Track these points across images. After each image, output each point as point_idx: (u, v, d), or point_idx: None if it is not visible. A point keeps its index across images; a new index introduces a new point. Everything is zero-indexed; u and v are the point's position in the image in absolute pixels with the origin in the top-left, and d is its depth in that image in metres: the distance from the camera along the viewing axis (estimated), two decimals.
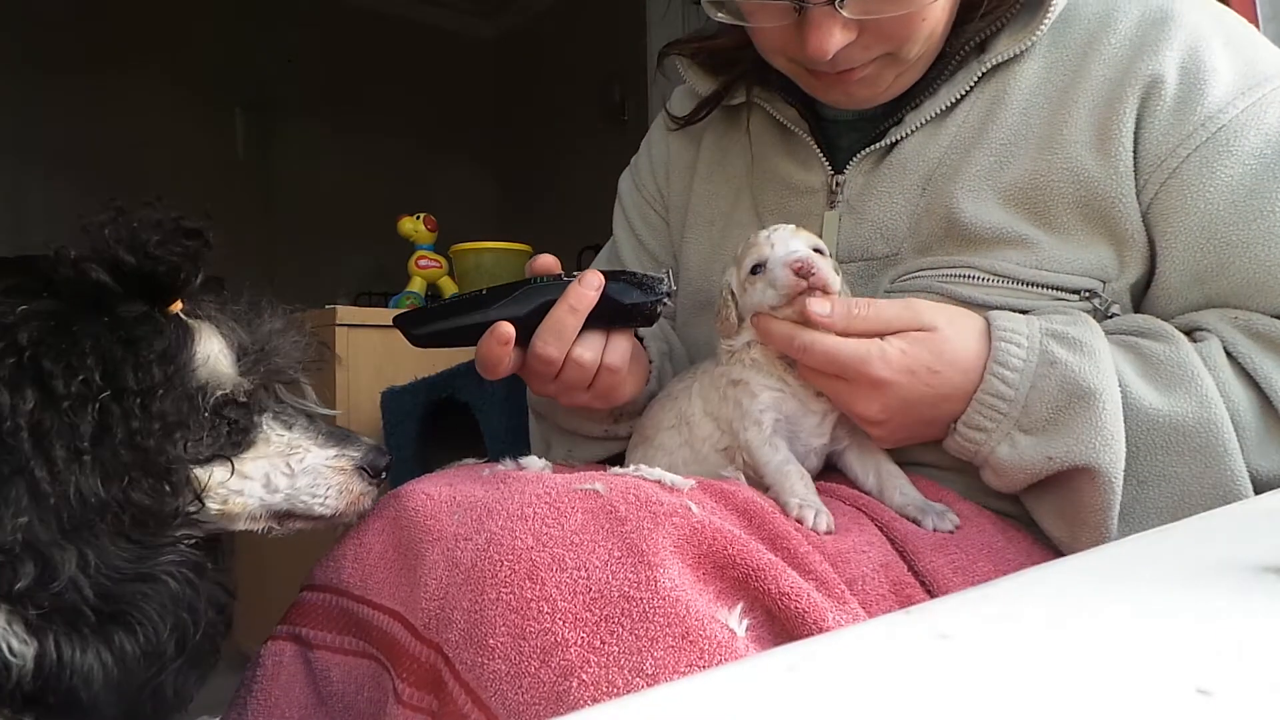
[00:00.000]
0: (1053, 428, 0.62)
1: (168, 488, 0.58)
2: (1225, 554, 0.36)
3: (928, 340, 0.65)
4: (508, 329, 0.69)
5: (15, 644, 0.50)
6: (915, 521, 0.66)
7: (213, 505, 0.62)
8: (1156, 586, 0.32)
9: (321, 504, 0.66)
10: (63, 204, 3.39)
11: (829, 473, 0.76)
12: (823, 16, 0.68)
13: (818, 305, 0.65)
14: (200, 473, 0.61)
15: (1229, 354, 0.65)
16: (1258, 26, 1.35)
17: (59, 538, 0.52)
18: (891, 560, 0.62)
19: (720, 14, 0.76)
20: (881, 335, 0.65)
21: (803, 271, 0.66)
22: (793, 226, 0.71)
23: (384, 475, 0.71)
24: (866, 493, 0.70)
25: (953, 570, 0.62)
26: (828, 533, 0.61)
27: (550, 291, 0.70)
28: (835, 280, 0.67)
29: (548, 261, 0.75)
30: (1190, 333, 0.68)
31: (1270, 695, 0.22)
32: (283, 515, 0.67)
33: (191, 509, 0.59)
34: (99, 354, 0.56)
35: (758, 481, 0.68)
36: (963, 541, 0.65)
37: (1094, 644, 0.26)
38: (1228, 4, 1.34)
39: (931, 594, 0.61)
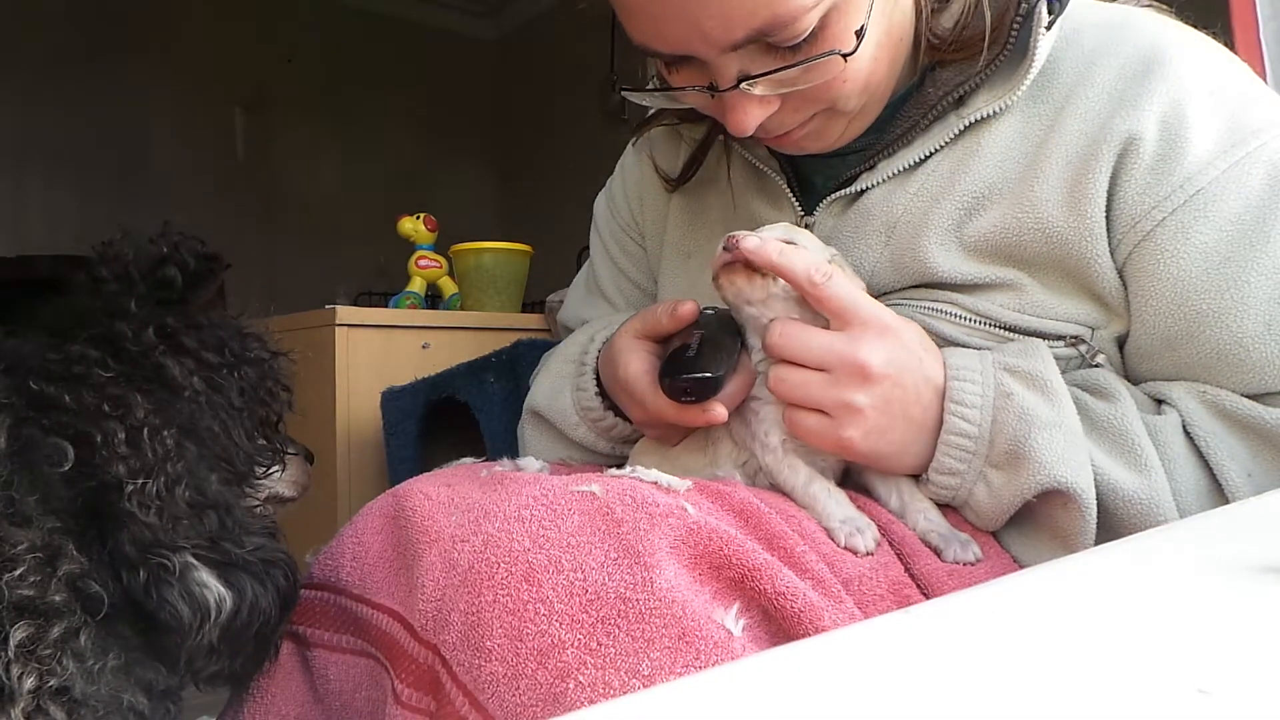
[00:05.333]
0: (1018, 460, 0.61)
1: (276, 442, 0.67)
2: (1225, 554, 0.35)
3: (909, 326, 0.65)
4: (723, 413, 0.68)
5: (220, 589, 0.54)
6: (936, 551, 0.64)
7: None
8: (1156, 586, 0.32)
9: (294, 487, 0.73)
10: (63, 204, 3.40)
11: None
12: (735, 98, 0.67)
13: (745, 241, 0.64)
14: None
15: (1187, 432, 0.64)
16: (1258, 27, 1.35)
17: (227, 491, 0.59)
18: (889, 561, 0.62)
19: (647, 101, 0.75)
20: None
21: (729, 244, 0.65)
22: (786, 225, 0.70)
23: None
24: (890, 512, 0.68)
25: (947, 573, 0.62)
26: (869, 553, 0.60)
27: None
28: (774, 254, 0.64)
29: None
30: (1157, 404, 0.67)
31: (1270, 695, 0.22)
32: (272, 498, 0.72)
33: (277, 469, 0.69)
34: (220, 330, 0.64)
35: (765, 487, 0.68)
36: None
37: (1094, 644, 0.26)
38: (1228, 6, 1.34)
39: (928, 596, 0.61)
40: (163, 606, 0.52)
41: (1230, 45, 0.72)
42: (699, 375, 0.65)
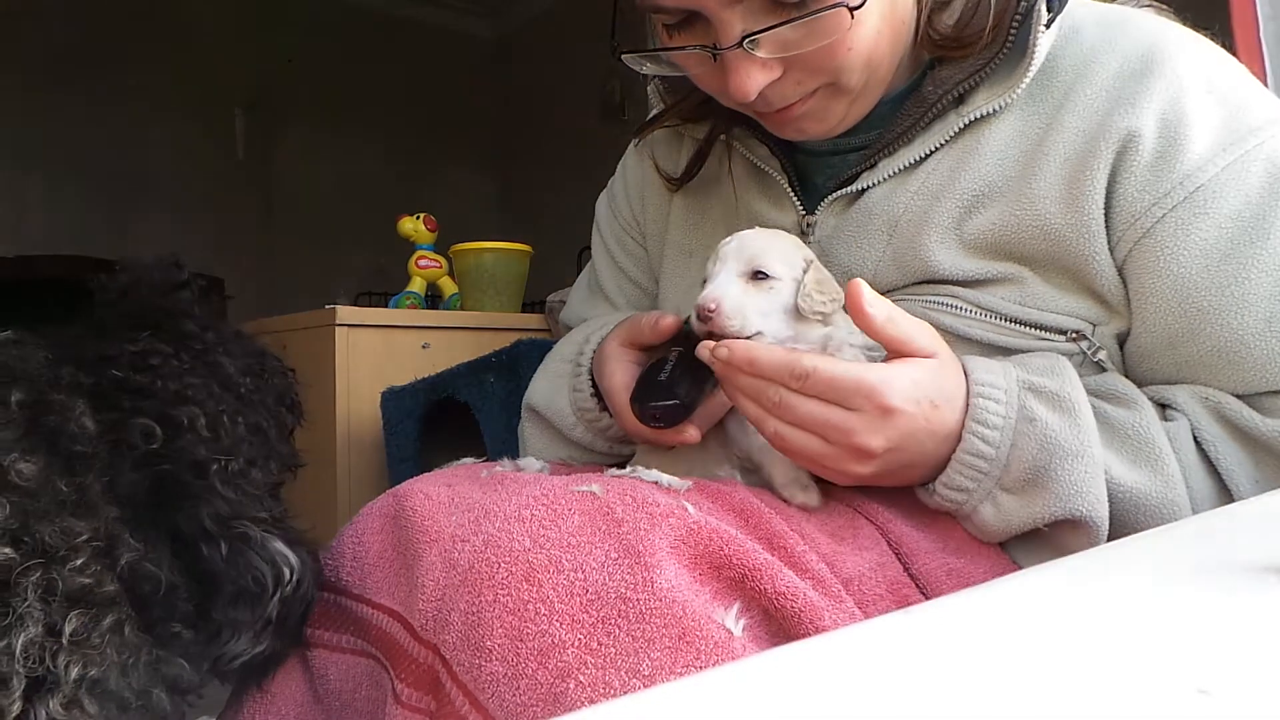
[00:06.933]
0: (1034, 487, 0.60)
1: (294, 453, 0.71)
2: (1225, 554, 0.35)
3: (933, 369, 0.61)
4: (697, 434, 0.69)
5: (293, 559, 0.60)
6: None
7: None
8: (1156, 586, 0.32)
9: None
10: (63, 204, 3.40)
11: None
12: (738, 59, 0.67)
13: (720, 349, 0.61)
14: None
15: (1196, 439, 0.63)
16: (1258, 27, 1.35)
17: (279, 475, 0.66)
18: (888, 560, 0.62)
19: (646, 67, 0.75)
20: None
21: (702, 314, 0.65)
22: (756, 232, 0.69)
23: None
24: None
25: (946, 573, 0.62)
26: (815, 508, 0.62)
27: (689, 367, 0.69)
28: (745, 323, 0.64)
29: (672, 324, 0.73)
30: (1162, 408, 0.66)
31: (1270, 695, 0.22)
32: None
33: (290, 477, 0.71)
34: (250, 343, 0.69)
35: (754, 474, 0.68)
36: (960, 548, 0.65)
37: (1094, 644, 0.26)
38: (1228, 6, 1.34)
39: (927, 596, 0.61)
40: (246, 572, 0.56)
41: (1230, 46, 0.72)
42: (668, 403, 0.65)
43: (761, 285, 0.66)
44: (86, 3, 3.43)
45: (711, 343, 0.63)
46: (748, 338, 0.65)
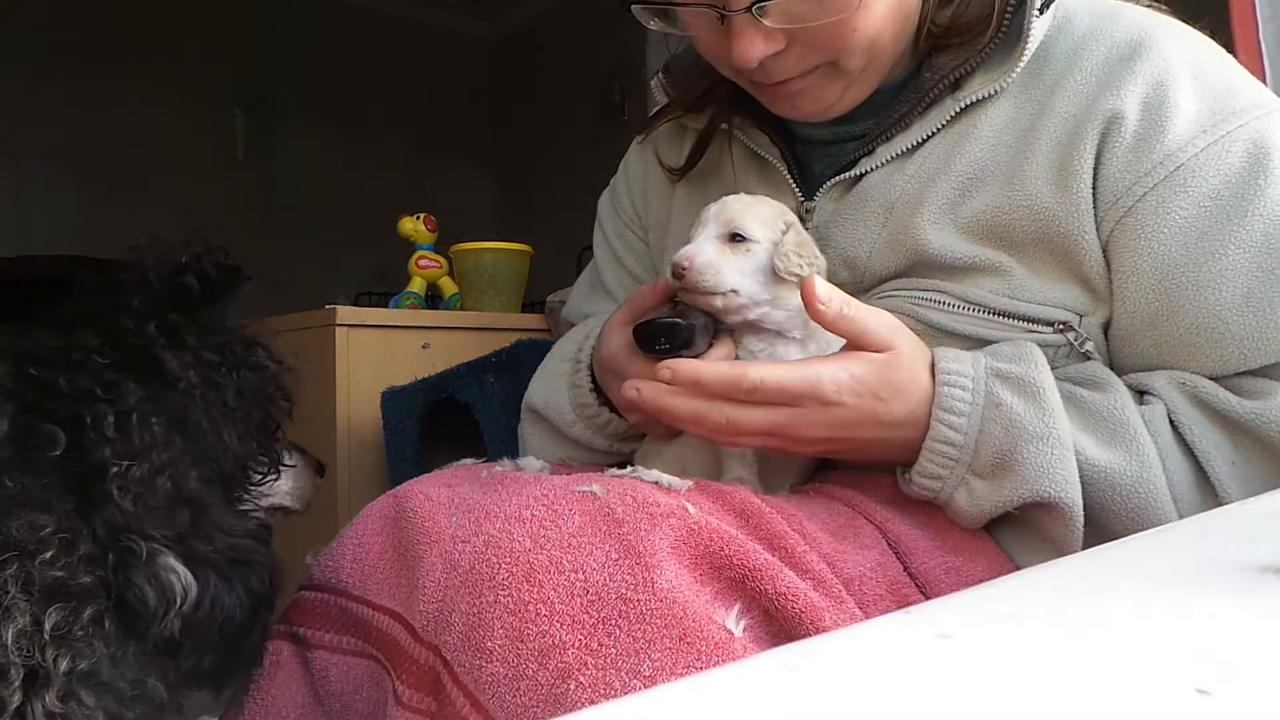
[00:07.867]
0: (1004, 471, 0.61)
1: (273, 450, 0.67)
2: (1225, 554, 0.35)
3: (880, 363, 0.63)
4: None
5: (186, 576, 0.55)
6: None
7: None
8: (1156, 586, 0.32)
9: (297, 500, 0.73)
10: (63, 204, 3.39)
11: (825, 472, 0.76)
12: (744, 24, 0.68)
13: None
14: None
15: (1172, 422, 0.64)
16: (1257, 27, 1.35)
17: (205, 488, 0.59)
18: (888, 560, 0.62)
19: (654, 22, 0.76)
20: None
21: (676, 271, 0.67)
22: (737, 196, 0.70)
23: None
24: None
25: (945, 572, 0.62)
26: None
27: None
28: (719, 280, 0.66)
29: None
30: (1140, 394, 0.67)
31: (1270, 695, 0.22)
32: (274, 508, 0.72)
33: (273, 476, 0.68)
34: (224, 334, 0.65)
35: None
36: (959, 546, 0.65)
37: (1094, 644, 0.26)
38: (1228, 7, 1.34)
39: (926, 595, 0.61)
40: (129, 588, 0.53)
41: (1230, 45, 0.73)
42: (669, 320, 0.67)
43: (739, 247, 0.67)
44: (87, 2, 3.43)
45: (636, 383, 0.65)
46: (722, 294, 0.66)
